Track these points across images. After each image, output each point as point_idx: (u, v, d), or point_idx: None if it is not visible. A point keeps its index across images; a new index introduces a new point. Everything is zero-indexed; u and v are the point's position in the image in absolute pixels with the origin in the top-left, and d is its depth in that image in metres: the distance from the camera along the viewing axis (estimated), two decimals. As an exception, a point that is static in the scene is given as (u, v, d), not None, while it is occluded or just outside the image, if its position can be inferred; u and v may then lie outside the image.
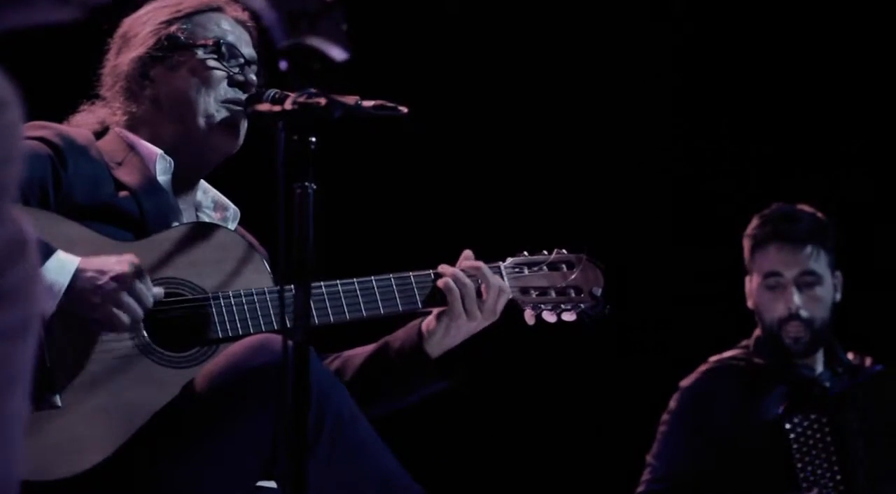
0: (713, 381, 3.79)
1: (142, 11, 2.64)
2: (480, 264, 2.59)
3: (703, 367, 3.84)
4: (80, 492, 2.18)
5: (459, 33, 4.60)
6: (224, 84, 2.56)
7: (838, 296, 3.85)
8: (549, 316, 2.68)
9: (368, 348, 2.64)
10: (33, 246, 1.29)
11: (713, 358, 3.86)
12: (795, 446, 3.51)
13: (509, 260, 2.69)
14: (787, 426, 3.55)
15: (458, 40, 4.58)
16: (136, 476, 2.22)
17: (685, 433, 3.76)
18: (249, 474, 2.27)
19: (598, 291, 2.70)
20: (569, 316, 2.69)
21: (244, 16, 2.68)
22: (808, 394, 3.66)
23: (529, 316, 2.68)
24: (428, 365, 2.56)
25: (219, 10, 2.65)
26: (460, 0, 4.63)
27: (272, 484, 2.35)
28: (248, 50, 2.63)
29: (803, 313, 3.75)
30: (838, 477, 3.49)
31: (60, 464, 2.16)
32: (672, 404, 3.82)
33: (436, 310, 2.57)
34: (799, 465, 3.52)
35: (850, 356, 3.85)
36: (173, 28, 2.58)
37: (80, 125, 2.60)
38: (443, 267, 2.57)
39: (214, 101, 2.55)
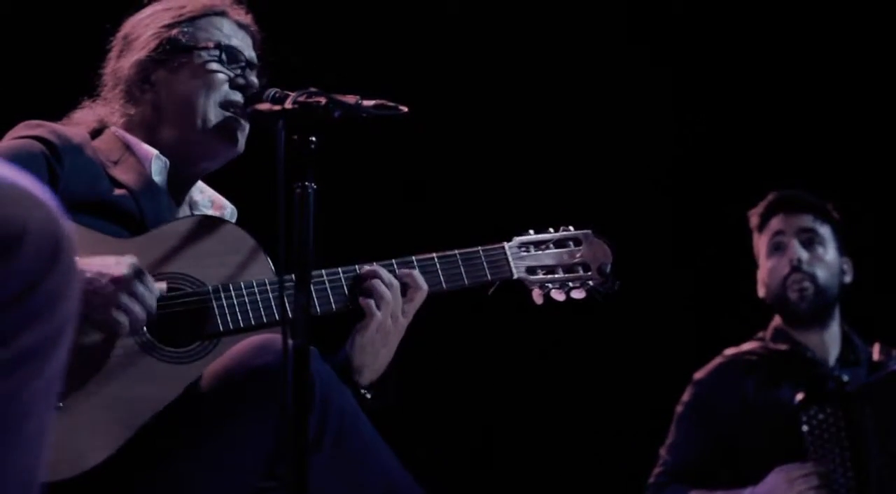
0: (727, 375, 3.77)
1: (144, 13, 2.64)
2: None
3: (717, 360, 3.82)
4: (84, 491, 2.17)
5: (460, 33, 4.60)
6: (225, 87, 2.55)
7: (847, 278, 3.84)
8: (558, 295, 2.64)
9: None
10: (69, 244, 1.15)
11: (728, 351, 3.84)
12: (809, 439, 3.47)
13: (515, 239, 2.66)
14: (804, 418, 3.49)
15: (458, 39, 4.57)
16: (138, 474, 2.21)
17: (697, 425, 3.75)
18: (251, 475, 2.26)
19: (607, 267, 2.66)
20: (578, 294, 2.65)
21: (247, 20, 2.67)
22: (825, 387, 3.62)
23: (538, 296, 2.64)
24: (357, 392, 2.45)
25: (221, 13, 2.64)
26: (460, 0, 4.64)
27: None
28: (249, 53, 2.63)
29: (806, 267, 3.75)
30: (850, 475, 3.45)
31: (63, 464, 2.15)
32: (685, 396, 3.81)
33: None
34: (812, 459, 3.48)
35: (876, 349, 3.82)
36: (175, 31, 2.57)
37: (79, 122, 2.60)
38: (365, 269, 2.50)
39: (214, 104, 2.54)
